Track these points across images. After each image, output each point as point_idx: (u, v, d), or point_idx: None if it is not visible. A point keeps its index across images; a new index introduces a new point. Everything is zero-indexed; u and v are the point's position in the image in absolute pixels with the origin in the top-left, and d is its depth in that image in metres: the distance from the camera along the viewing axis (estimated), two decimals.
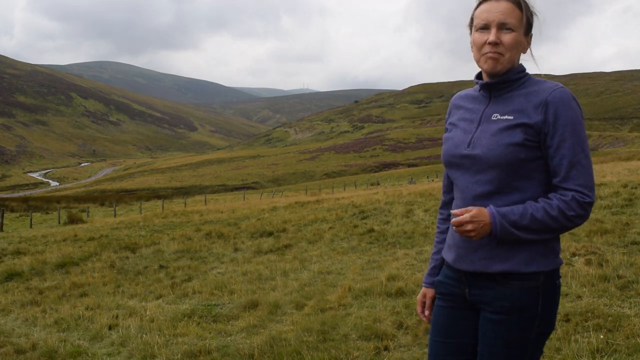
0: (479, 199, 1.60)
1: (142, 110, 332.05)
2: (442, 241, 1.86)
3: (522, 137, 1.56)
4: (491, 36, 1.59)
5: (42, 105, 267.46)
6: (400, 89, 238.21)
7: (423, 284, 1.90)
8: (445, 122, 1.83)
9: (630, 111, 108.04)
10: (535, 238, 1.55)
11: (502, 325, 1.59)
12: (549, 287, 1.60)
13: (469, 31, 1.71)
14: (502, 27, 1.59)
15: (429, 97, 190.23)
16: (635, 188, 9.30)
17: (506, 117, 1.60)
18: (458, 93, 1.84)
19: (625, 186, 9.74)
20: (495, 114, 1.63)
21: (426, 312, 1.87)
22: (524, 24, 1.61)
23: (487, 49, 1.61)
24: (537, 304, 1.58)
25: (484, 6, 1.63)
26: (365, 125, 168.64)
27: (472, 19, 1.69)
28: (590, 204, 1.54)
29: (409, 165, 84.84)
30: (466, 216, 1.53)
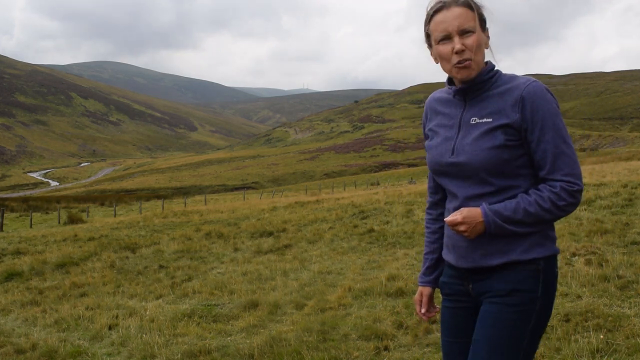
0: (472, 201, 1.62)
1: (142, 110, 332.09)
2: (434, 241, 1.87)
3: (503, 138, 1.57)
4: (456, 45, 1.59)
5: (42, 105, 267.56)
6: (401, 89, 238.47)
7: (419, 284, 1.90)
8: (424, 127, 1.83)
9: (630, 111, 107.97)
10: (530, 230, 1.58)
11: (501, 307, 1.59)
12: (548, 273, 1.61)
13: (426, 46, 1.70)
14: (462, 32, 1.59)
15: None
16: (635, 188, 9.31)
17: (485, 119, 1.61)
18: (432, 95, 1.83)
19: (625, 186, 9.75)
20: (474, 118, 1.63)
21: (423, 310, 1.87)
22: (478, 22, 1.62)
23: (455, 58, 1.60)
24: (537, 287, 1.59)
25: (437, 17, 1.62)
26: (365, 125, 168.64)
27: (427, 34, 1.68)
28: (580, 191, 1.56)
29: (409, 165, 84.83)
30: (458, 217, 1.57)
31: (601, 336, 3.19)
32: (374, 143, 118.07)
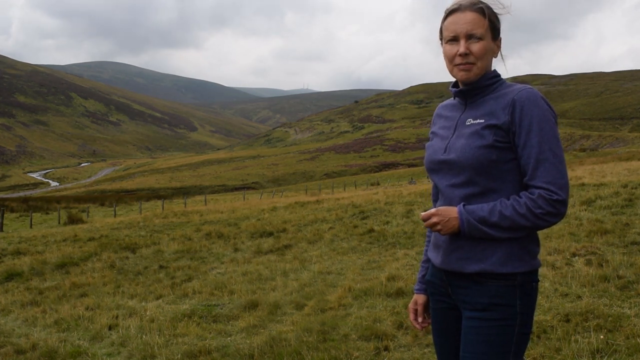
0: (457, 202, 1.63)
1: (142, 111, 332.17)
2: None
3: (492, 138, 1.59)
4: (461, 47, 1.63)
5: (42, 105, 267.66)
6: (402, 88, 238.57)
7: (414, 291, 1.92)
8: (430, 132, 1.88)
9: (630, 111, 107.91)
10: (507, 236, 1.57)
11: (481, 322, 1.59)
12: (526, 288, 1.60)
13: (440, 43, 1.74)
14: (470, 37, 1.63)
15: (429, 97, 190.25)
16: (635, 188, 9.30)
17: (478, 120, 1.64)
18: (441, 103, 1.89)
19: (625, 186, 9.74)
20: (469, 119, 1.67)
21: (419, 319, 1.89)
22: (490, 31, 1.64)
23: (458, 60, 1.65)
24: (515, 301, 1.58)
25: (451, 18, 1.66)
26: (365, 126, 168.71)
27: (441, 31, 1.72)
28: (560, 201, 1.53)
29: (409, 165, 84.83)
30: (432, 210, 1.61)
31: (601, 336, 3.19)
32: (374, 143, 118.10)
